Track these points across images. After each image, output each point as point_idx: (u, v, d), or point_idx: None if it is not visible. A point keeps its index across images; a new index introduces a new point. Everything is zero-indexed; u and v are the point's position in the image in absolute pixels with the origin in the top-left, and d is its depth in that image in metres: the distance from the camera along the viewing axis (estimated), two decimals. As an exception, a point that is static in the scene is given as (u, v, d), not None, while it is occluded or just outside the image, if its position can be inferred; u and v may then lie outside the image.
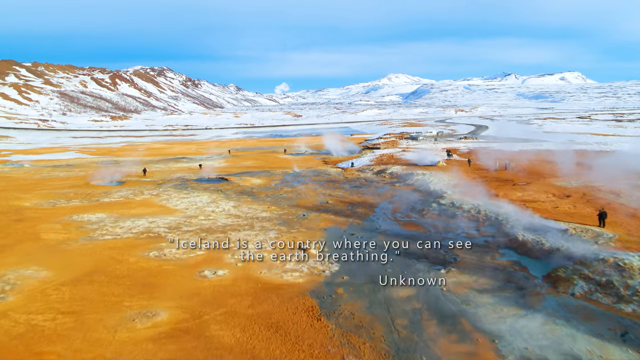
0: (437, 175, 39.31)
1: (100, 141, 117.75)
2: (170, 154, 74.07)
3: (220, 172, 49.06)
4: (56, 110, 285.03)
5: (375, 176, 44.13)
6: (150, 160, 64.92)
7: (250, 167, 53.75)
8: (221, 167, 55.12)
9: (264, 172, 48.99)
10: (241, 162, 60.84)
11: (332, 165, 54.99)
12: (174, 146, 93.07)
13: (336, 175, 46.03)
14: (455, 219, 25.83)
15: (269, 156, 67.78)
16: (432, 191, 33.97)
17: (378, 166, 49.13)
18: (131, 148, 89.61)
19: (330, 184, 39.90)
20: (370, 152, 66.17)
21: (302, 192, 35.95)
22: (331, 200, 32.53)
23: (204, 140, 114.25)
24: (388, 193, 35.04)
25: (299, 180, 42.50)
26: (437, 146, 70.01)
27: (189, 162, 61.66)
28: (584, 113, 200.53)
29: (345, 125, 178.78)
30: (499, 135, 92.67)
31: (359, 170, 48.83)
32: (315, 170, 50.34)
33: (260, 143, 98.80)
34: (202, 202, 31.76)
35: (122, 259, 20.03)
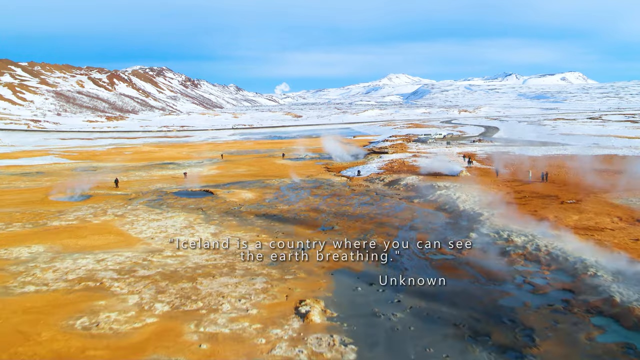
0: (463, 190, 32.68)
1: (89, 143, 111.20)
2: (157, 159, 67.49)
3: (207, 182, 42.47)
4: (51, 111, 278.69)
5: (388, 188, 37.50)
6: (133, 166, 58.33)
7: (242, 176, 47.15)
8: (209, 175, 48.51)
9: (258, 182, 42.40)
10: (233, 168, 54.23)
11: (335, 173, 48.41)
12: (164, 149, 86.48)
13: (341, 186, 39.44)
14: (506, 257, 19.21)
15: (265, 161, 61.19)
16: (463, 212, 27.36)
17: (389, 175, 42.52)
18: (117, 151, 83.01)
19: (335, 199, 33.32)
20: (377, 158, 59.57)
21: (302, 210, 29.36)
22: (338, 223, 25.92)
23: (198, 142, 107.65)
24: (407, 213, 28.41)
25: (297, 194, 35.89)
26: (450, 150, 63.40)
27: (175, 168, 55.07)
28: (593, 113, 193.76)
29: (346, 126, 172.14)
30: (514, 138, 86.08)
31: (367, 179, 42.23)
32: (316, 179, 43.75)
33: (257, 146, 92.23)
34: (174, 227, 25.13)
35: (33, 332, 13.43)
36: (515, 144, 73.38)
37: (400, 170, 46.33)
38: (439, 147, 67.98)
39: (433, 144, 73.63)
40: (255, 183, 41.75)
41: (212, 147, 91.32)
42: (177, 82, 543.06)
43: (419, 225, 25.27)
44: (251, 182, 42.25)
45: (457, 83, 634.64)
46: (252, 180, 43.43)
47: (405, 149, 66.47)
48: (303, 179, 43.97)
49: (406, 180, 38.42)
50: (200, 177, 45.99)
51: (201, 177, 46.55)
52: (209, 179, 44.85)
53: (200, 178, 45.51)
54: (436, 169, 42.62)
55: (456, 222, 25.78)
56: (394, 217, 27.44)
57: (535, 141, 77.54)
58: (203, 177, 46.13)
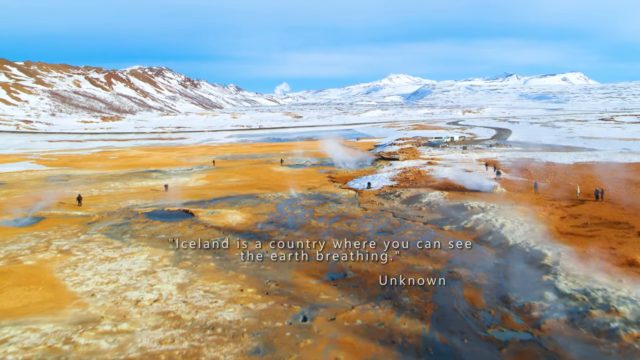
0: (504, 213, 26.07)
1: (77, 146, 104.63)
2: (143, 165, 60.89)
3: (191, 197, 35.90)
4: (45, 111, 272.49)
5: (407, 207, 30.92)
6: (113, 175, 51.76)
7: (233, 188, 40.56)
8: (195, 187, 41.93)
9: (251, 197, 35.81)
10: (225, 178, 47.66)
11: (341, 185, 41.84)
12: (153, 153, 79.86)
13: (349, 203, 32.87)
14: (616, 342, 12.60)
15: (261, 169, 54.60)
16: (514, 248, 20.78)
17: (405, 189, 35.91)
18: (102, 156, 76.41)
19: (344, 224, 26.75)
20: (387, 165, 52.97)
21: (303, 243, 22.80)
22: (351, 267, 19.36)
23: (191, 145, 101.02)
24: (441, 249, 21.84)
25: (296, 216, 29.29)
26: (468, 157, 56.78)
27: (159, 178, 48.47)
28: (601, 114, 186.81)
29: (348, 128, 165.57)
30: (531, 141, 79.44)
31: (379, 194, 35.62)
32: (319, 193, 37.18)
33: (254, 149, 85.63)
34: (130, 274, 18.54)
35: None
36: (536, 148, 66.80)
37: (417, 182, 39.71)
38: (454, 153, 61.37)
39: (446, 149, 67.01)
40: (247, 199, 35.15)
41: (205, 150, 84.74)
42: (176, 82, 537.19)
43: (461, 271, 18.67)
44: (243, 197, 35.65)
45: (458, 83, 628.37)
46: (244, 195, 36.83)
47: (417, 155, 59.83)
48: (304, 193, 37.40)
49: (428, 198, 31.79)
50: (184, 190, 39.42)
51: (185, 190, 39.98)
52: (193, 193, 38.25)
53: (184, 191, 38.94)
54: (461, 182, 35.99)
55: (509, 264, 19.21)
56: (424, 254, 20.84)
57: (557, 145, 71.00)
58: (187, 190, 39.55)
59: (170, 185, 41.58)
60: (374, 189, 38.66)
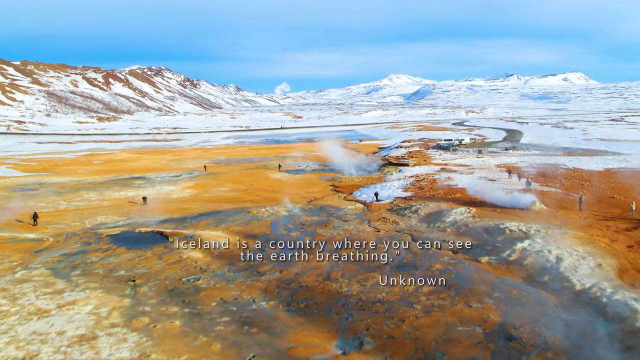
0: (556, 241, 20.72)
1: (65, 148, 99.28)
2: (127, 171, 55.57)
3: (171, 212, 30.62)
4: (41, 111, 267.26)
5: (428, 227, 25.61)
6: (90, 183, 46.45)
7: (223, 200, 35.25)
8: (179, 199, 36.61)
9: (241, 212, 30.50)
10: (214, 187, 42.39)
11: (346, 196, 36.56)
12: (142, 157, 74.53)
13: (358, 221, 27.57)
14: None
15: (256, 175, 49.32)
16: (583, 295, 15.48)
17: (422, 202, 30.57)
18: (86, 160, 71.08)
19: (354, 251, 21.40)
20: (396, 171, 47.63)
21: (302, 285, 17.52)
22: (369, 328, 14.01)
23: (185, 147, 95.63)
24: (482, 294, 16.45)
25: (294, 240, 23.89)
26: (485, 162, 51.39)
27: (141, 187, 43.15)
28: (607, 115, 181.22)
29: (350, 128, 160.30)
30: (547, 144, 74.11)
31: (392, 209, 30.32)
32: (322, 207, 31.90)
33: (251, 152, 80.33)
34: (59, 341, 13.21)
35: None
36: (555, 152, 61.44)
37: (434, 193, 34.38)
38: (468, 157, 55.98)
39: (458, 152, 61.60)
40: (236, 214, 29.84)
41: (199, 153, 79.40)
42: (175, 82, 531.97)
43: (523, 335, 13.35)
44: (232, 213, 30.35)
45: (459, 83, 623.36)
46: (234, 210, 31.53)
47: (429, 160, 54.44)
48: (303, 207, 32.12)
49: (453, 216, 26.45)
50: (165, 204, 34.12)
51: (167, 202, 34.68)
52: (175, 207, 32.94)
53: (165, 205, 33.64)
54: (490, 195, 30.59)
55: (584, 323, 13.89)
56: (464, 304, 15.50)
57: (576, 149, 65.71)
58: (169, 204, 34.25)
59: (152, 197, 36.30)
60: (384, 202, 33.36)
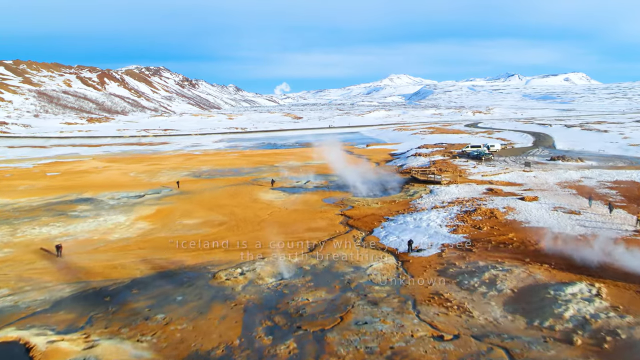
0: None
1: (33, 154, 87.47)
2: (80, 188, 43.69)
3: (89, 277, 18.88)
4: (29, 112, 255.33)
5: (529, 329, 13.75)
6: (20, 207, 34.64)
7: (180, 248, 23.42)
8: (117, 245, 24.73)
9: (201, 278, 18.69)
10: (180, 217, 30.58)
11: (365, 236, 24.83)
12: (111, 166, 62.66)
13: (396, 303, 15.77)
14: None
15: (241, 197, 37.48)
16: None
17: (494, 261, 18.79)
18: (42, 171, 59.20)
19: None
20: (425, 192, 35.67)
21: None
22: None
23: (168, 153, 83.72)
24: None
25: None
26: (539, 179, 39.40)
27: (80, 215, 31.35)
28: (623, 115, 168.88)
29: (353, 130, 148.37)
30: (592, 151, 62.11)
31: (446, 272, 18.53)
32: (331, 266, 20.08)
33: (243, 160, 68.42)
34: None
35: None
36: (616, 163, 49.49)
37: (502, 238, 22.52)
38: (512, 170, 43.96)
39: (498, 165, 49.36)
40: (191, 287, 18.00)
41: (180, 161, 67.56)
42: (173, 82, 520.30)
43: None
44: (186, 281, 18.53)
45: (460, 84, 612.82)
46: (193, 271, 19.69)
47: (464, 175, 42.44)
48: (303, 264, 20.35)
49: (573, 306, 14.52)
50: (92, 254, 22.33)
51: (95, 252, 22.88)
52: (102, 265, 21.13)
53: (90, 257, 21.85)
54: (620, 257, 18.61)
55: None
56: None
57: (634, 157, 53.84)
58: (98, 254, 22.45)
59: (82, 239, 24.50)
60: (426, 254, 21.57)
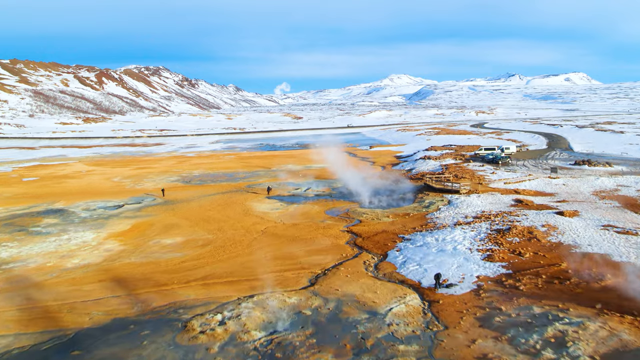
0: None
1: (19, 156, 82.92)
2: (54, 196, 39.10)
3: (18, 328, 14.29)
4: (25, 111, 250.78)
5: None
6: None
7: (150, 280, 18.84)
8: (69, 277, 20.04)
9: (166, 330, 14.16)
10: (158, 235, 25.98)
11: (379, 262, 20.27)
12: (95, 170, 58.02)
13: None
14: None
15: (232, 208, 32.85)
16: None
17: (552, 305, 14.26)
18: (19, 176, 54.53)
19: None
20: (443, 203, 31.05)
21: None
22: None
23: (160, 155, 79.10)
24: None
25: None
26: (571, 187, 34.75)
27: (42, 232, 26.75)
28: (630, 115, 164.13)
29: (355, 131, 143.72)
30: (615, 154, 57.52)
31: (491, 321, 13.94)
32: (338, 308, 15.45)
33: (238, 164, 63.80)
34: None
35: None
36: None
37: (552, 269, 17.95)
38: (537, 177, 39.26)
39: (519, 170, 44.59)
40: (150, 346, 13.42)
41: (171, 165, 62.93)
42: (172, 82, 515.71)
43: None
44: (144, 334, 13.96)
45: (460, 84, 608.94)
46: (155, 317, 15.10)
47: (483, 181, 37.79)
48: (300, 304, 15.76)
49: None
50: (35, 289, 17.74)
51: (40, 286, 18.28)
52: (46, 301, 16.54)
53: (28, 295, 17.28)
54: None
55: None
56: None
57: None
58: (43, 290, 17.86)
59: (34, 265, 19.86)
60: (458, 291, 16.96)
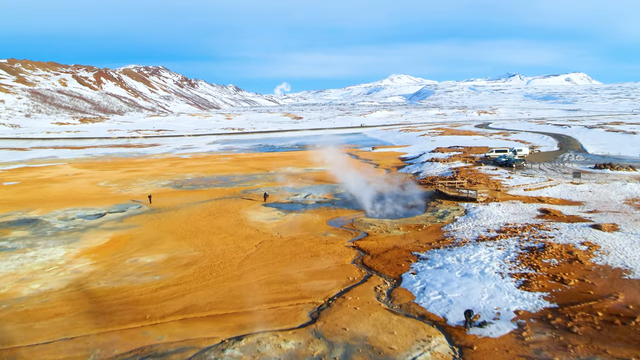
0: None
1: (7, 158, 79.68)
2: (32, 203, 35.76)
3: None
4: (21, 111, 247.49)
5: None
6: None
7: (108, 327, 15.56)
8: (19, 311, 16.71)
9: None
10: (137, 251, 22.65)
11: (392, 289, 16.93)
12: (83, 173, 54.68)
13: None
14: None
15: (224, 218, 29.49)
16: None
17: (617, 344, 11.04)
18: (0, 180, 51.35)
19: None
20: (459, 213, 27.68)
21: None
22: None
23: (154, 157, 75.71)
24: None
25: None
26: (597, 193, 31.38)
27: (8, 247, 23.44)
28: (635, 115, 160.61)
29: (357, 131, 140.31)
30: (635, 156, 54.20)
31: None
32: (348, 359, 12.15)
33: (234, 165, 60.42)
34: None
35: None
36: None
37: (612, 306, 14.63)
38: (559, 182, 35.87)
39: (537, 174, 41.18)
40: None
41: (164, 167, 59.58)
42: (172, 82, 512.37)
43: None
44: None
45: (460, 84, 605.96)
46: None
47: (500, 187, 34.41)
48: (300, 355, 12.41)
49: None
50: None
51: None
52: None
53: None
54: None
55: None
56: None
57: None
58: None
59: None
60: (495, 332, 13.63)
